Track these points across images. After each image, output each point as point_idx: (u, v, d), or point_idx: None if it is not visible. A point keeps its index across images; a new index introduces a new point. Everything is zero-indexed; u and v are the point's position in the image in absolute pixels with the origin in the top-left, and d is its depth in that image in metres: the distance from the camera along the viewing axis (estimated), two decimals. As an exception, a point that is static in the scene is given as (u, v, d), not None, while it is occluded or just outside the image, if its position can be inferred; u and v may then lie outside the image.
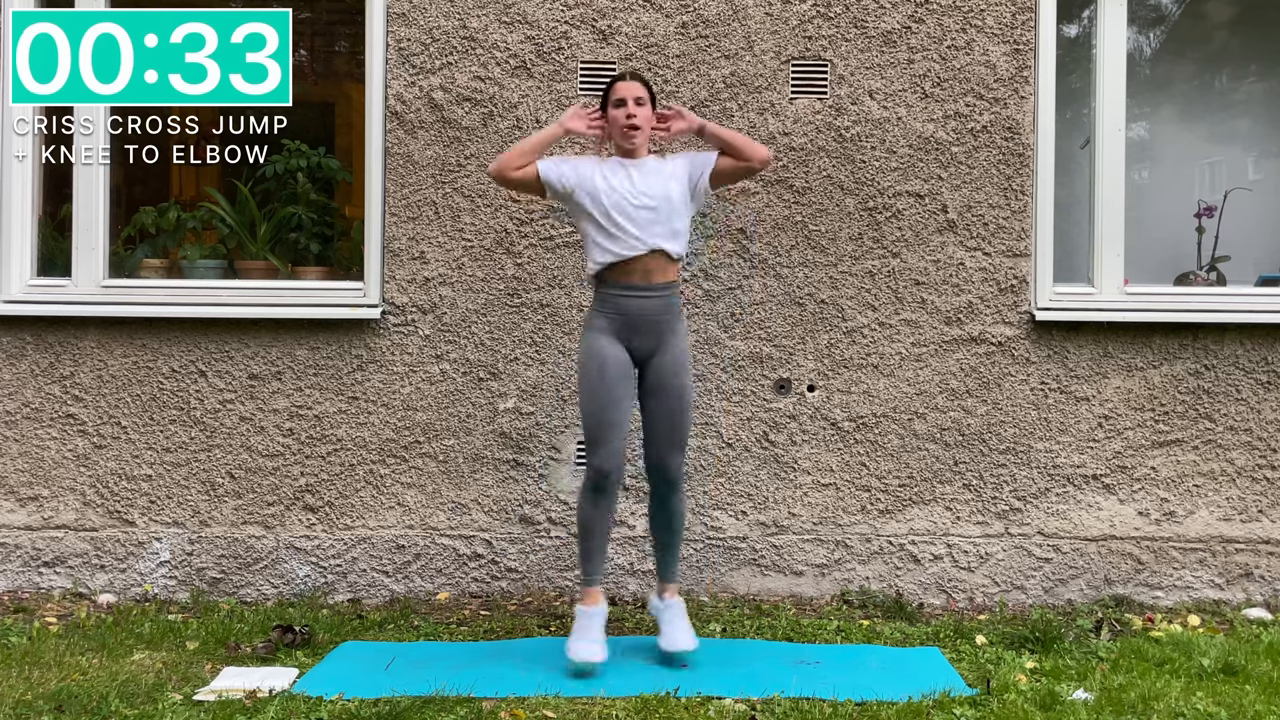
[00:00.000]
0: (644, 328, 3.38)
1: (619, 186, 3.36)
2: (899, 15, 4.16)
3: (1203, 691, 3.17)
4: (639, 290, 3.36)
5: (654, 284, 3.37)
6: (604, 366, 3.35)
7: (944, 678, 3.27)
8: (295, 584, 4.16)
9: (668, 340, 3.41)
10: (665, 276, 3.39)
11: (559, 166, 3.43)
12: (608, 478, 3.36)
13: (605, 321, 3.39)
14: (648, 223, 3.34)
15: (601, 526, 3.43)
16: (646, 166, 3.43)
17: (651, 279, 3.36)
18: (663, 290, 3.39)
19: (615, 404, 3.35)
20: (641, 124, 3.42)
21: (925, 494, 4.17)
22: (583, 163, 3.47)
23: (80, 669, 3.31)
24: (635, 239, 3.33)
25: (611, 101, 3.45)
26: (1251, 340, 4.19)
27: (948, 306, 4.16)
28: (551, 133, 3.49)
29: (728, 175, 3.51)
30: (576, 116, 3.50)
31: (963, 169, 4.16)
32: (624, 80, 3.48)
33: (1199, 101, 5.10)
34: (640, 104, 3.42)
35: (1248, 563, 4.18)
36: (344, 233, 4.65)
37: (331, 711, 2.98)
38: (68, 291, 4.21)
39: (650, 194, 3.36)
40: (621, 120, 3.41)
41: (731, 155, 3.46)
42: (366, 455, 4.16)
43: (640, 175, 3.40)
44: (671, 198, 3.38)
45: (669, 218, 3.37)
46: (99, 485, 4.18)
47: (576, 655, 3.27)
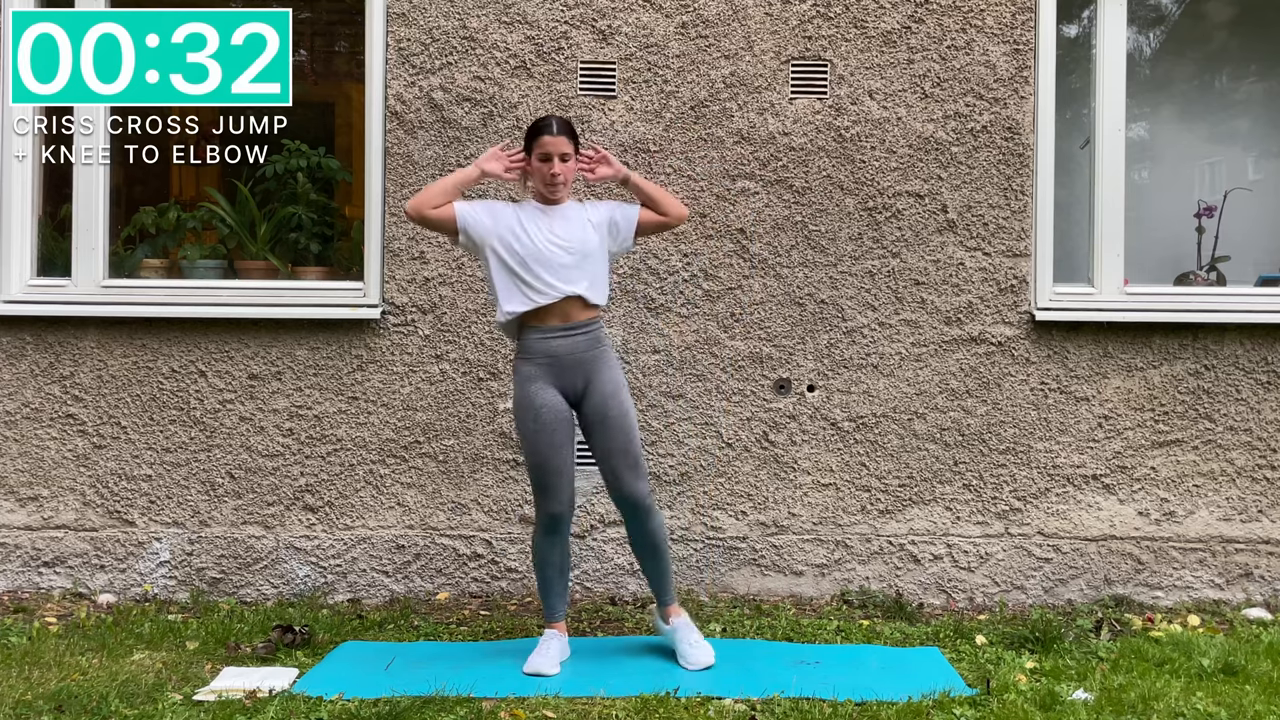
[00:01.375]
0: (572, 366, 3.34)
1: (536, 235, 3.31)
2: (899, 15, 4.16)
3: (1203, 691, 3.17)
4: (560, 331, 3.33)
5: (575, 322, 3.34)
6: (539, 414, 3.32)
7: (944, 678, 3.27)
8: (295, 584, 4.16)
9: (598, 371, 3.36)
10: (585, 314, 3.36)
11: (475, 211, 3.36)
12: (559, 520, 3.37)
13: (533, 368, 3.34)
14: (564, 269, 3.30)
15: (560, 563, 3.45)
16: (566, 213, 3.38)
17: (570, 318, 3.33)
18: (585, 327, 3.35)
19: (556, 450, 3.33)
20: (565, 179, 3.38)
21: (925, 494, 4.17)
22: (500, 210, 3.39)
23: (80, 669, 3.31)
24: (551, 287, 3.29)
25: (536, 153, 3.36)
26: (1251, 340, 4.19)
27: (948, 306, 4.16)
28: (469, 174, 3.43)
29: (648, 228, 3.49)
30: (494, 158, 3.43)
31: (963, 169, 4.16)
32: (549, 131, 3.34)
33: (1199, 101, 5.10)
34: (565, 159, 3.35)
35: (1248, 563, 4.18)
36: (344, 233, 4.65)
37: (331, 711, 2.98)
38: (68, 291, 4.21)
39: (568, 242, 3.32)
40: (545, 175, 3.35)
41: (652, 209, 3.45)
42: (366, 455, 4.16)
43: (560, 222, 3.35)
44: (589, 246, 3.35)
45: (586, 265, 3.33)
46: (99, 485, 4.18)
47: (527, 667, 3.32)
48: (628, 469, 3.35)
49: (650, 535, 3.42)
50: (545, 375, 3.34)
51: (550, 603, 3.48)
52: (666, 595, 3.50)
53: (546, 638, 3.45)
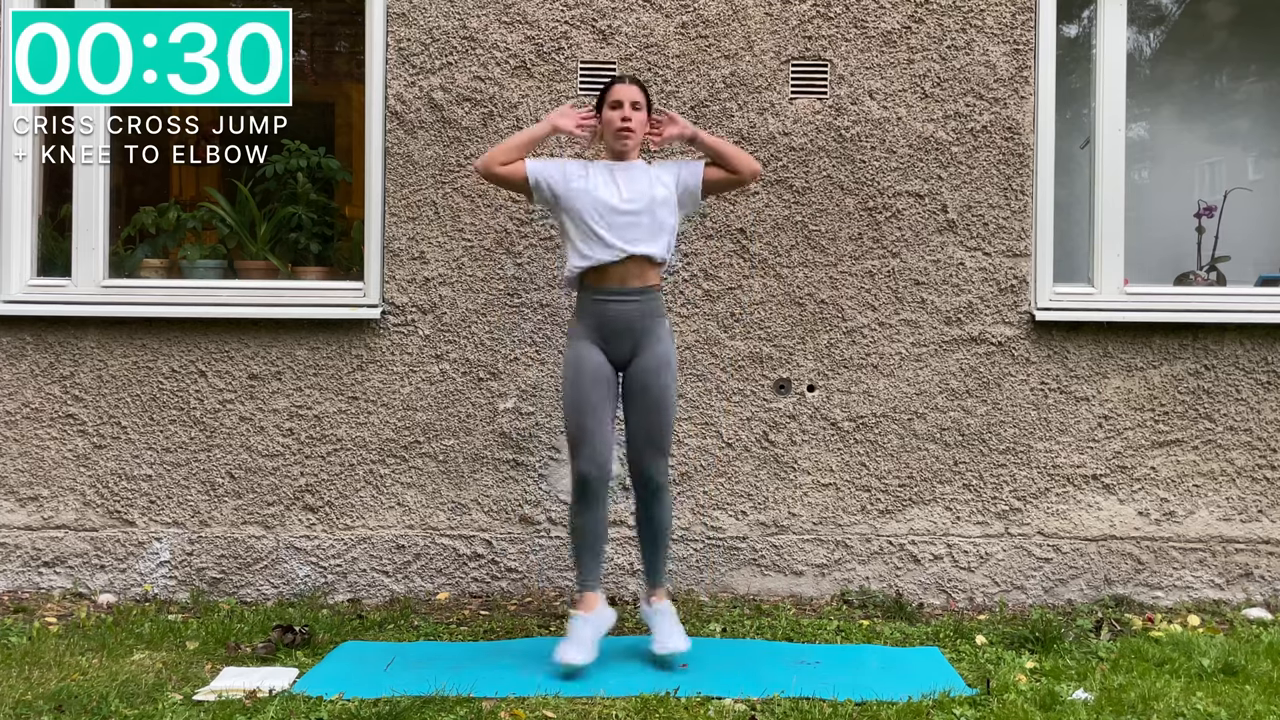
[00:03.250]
0: (620, 332, 3.37)
1: (603, 191, 3.36)
2: (899, 15, 4.16)
3: (1203, 691, 3.17)
4: (614, 295, 3.36)
5: (630, 288, 3.36)
6: (581, 372, 3.36)
7: (944, 678, 3.27)
8: (295, 584, 4.16)
9: (646, 344, 3.39)
10: (644, 281, 3.38)
11: (546, 167, 3.44)
12: (588, 481, 3.34)
13: (583, 327, 3.40)
14: (628, 228, 3.33)
15: (592, 531, 3.42)
16: (633, 171, 3.43)
17: (628, 283, 3.36)
18: (639, 295, 3.38)
19: (592, 409, 3.34)
20: (635, 128, 3.43)
21: (925, 494, 4.17)
22: (570, 165, 3.47)
23: (80, 669, 3.31)
24: (614, 245, 3.33)
25: (608, 103, 3.46)
26: (1251, 340, 4.19)
27: (948, 306, 4.16)
28: (540, 129, 3.49)
29: (717, 185, 3.50)
30: (565, 114, 3.51)
31: (963, 169, 4.16)
32: (622, 83, 3.48)
33: (1199, 101, 5.10)
34: (636, 108, 3.43)
35: (1248, 563, 4.18)
36: (344, 233, 4.65)
37: (331, 711, 2.98)
38: (68, 291, 4.21)
39: (634, 199, 3.36)
40: (616, 123, 3.42)
41: (722, 166, 3.46)
42: (366, 455, 4.16)
43: (626, 180, 3.40)
44: (655, 203, 3.38)
45: (651, 223, 3.36)
46: (99, 485, 4.18)
47: (558, 657, 3.28)
48: (654, 448, 3.39)
49: (656, 515, 3.44)
50: (593, 336, 3.38)
51: (583, 568, 3.43)
52: (657, 578, 3.52)
53: (580, 621, 3.35)
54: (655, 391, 3.38)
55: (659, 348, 3.41)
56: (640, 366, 3.39)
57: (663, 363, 3.40)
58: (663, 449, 3.43)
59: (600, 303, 3.37)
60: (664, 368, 3.41)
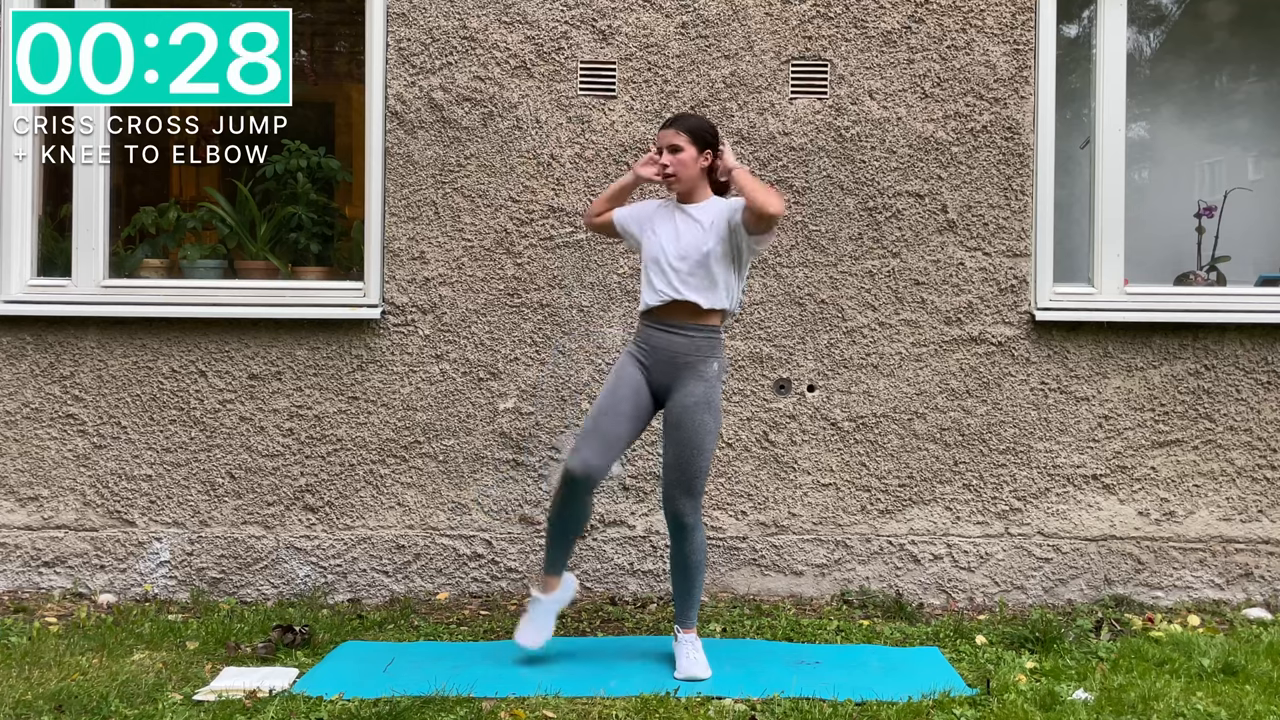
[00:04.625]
0: (664, 361, 3.37)
1: (662, 238, 3.37)
2: (899, 15, 4.16)
3: (1203, 691, 3.18)
4: (666, 327, 3.37)
5: (680, 322, 3.35)
6: (619, 380, 3.40)
7: (944, 678, 3.27)
8: (295, 584, 4.16)
9: (687, 380, 3.34)
10: (695, 319, 3.35)
11: (627, 216, 3.53)
12: (574, 479, 3.32)
13: (635, 347, 3.45)
14: (678, 276, 3.32)
15: (567, 525, 3.43)
16: (697, 214, 3.36)
17: (680, 319, 3.35)
18: (689, 330, 3.35)
19: (611, 414, 3.36)
20: (675, 171, 3.35)
21: (925, 494, 4.17)
22: (647, 210, 3.51)
23: (80, 669, 3.31)
24: (664, 290, 3.34)
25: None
26: (1251, 340, 4.19)
27: (948, 306, 4.16)
28: (625, 182, 3.56)
29: (751, 226, 3.26)
30: (646, 164, 3.45)
31: (963, 169, 4.16)
32: (665, 126, 3.42)
33: (1199, 101, 5.10)
34: (675, 150, 3.34)
35: (1248, 563, 4.18)
36: (344, 233, 4.65)
37: (331, 711, 2.98)
38: (68, 291, 4.21)
39: (685, 254, 3.32)
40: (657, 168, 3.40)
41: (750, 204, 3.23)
42: (366, 455, 4.16)
43: (685, 226, 3.36)
44: (705, 252, 3.30)
45: (702, 275, 3.31)
46: (99, 485, 4.18)
47: (516, 638, 3.42)
48: (680, 487, 3.34)
49: (683, 554, 3.39)
50: (642, 356, 3.41)
51: (550, 556, 3.49)
52: (686, 618, 3.42)
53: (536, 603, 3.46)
54: (689, 429, 3.32)
55: (701, 387, 3.33)
56: (679, 402, 3.35)
57: (699, 402, 3.33)
58: (692, 490, 3.33)
59: (650, 330, 3.40)
60: (703, 407, 3.33)
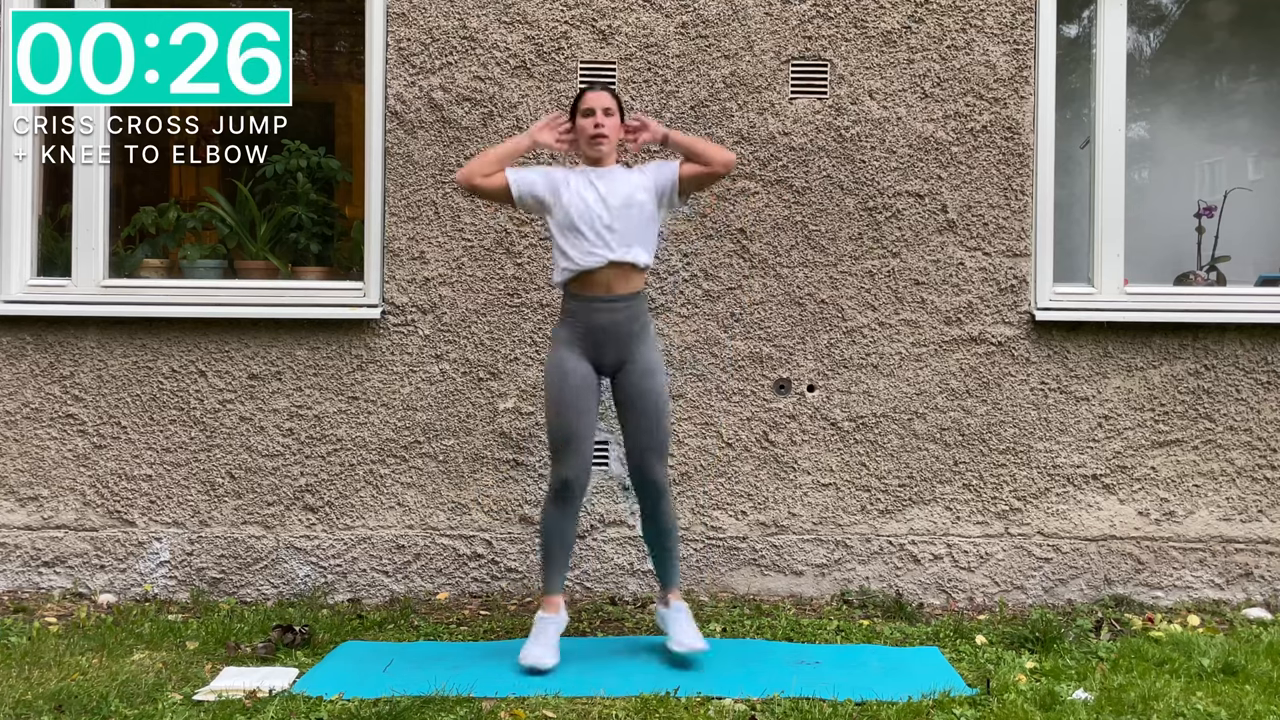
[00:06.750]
0: (610, 340, 3.37)
1: (585, 197, 3.36)
2: (899, 15, 4.16)
3: (1203, 691, 3.17)
4: (602, 301, 3.35)
5: (617, 295, 3.36)
6: (566, 378, 3.36)
7: (944, 678, 3.27)
8: (295, 584, 4.16)
9: (635, 349, 3.39)
10: (629, 287, 3.37)
11: (528, 176, 3.44)
12: (570, 487, 3.36)
13: (569, 333, 3.39)
14: (611, 234, 3.33)
15: (564, 536, 3.43)
16: (613, 176, 3.43)
17: (614, 290, 3.35)
18: (627, 301, 3.37)
19: (579, 415, 3.35)
20: (609, 133, 3.42)
21: (925, 494, 4.17)
22: (553, 172, 3.47)
23: (80, 669, 3.31)
24: (597, 251, 3.32)
25: (580, 111, 3.46)
26: (1251, 340, 4.19)
27: (948, 306, 4.16)
28: (521, 142, 3.50)
29: (693, 182, 3.48)
30: (547, 127, 3.51)
31: (963, 169, 4.16)
32: (593, 90, 3.49)
33: (1199, 101, 5.10)
34: (609, 114, 3.43)
35: (1248, 563, 4.18)
36: (344, 233, 4.65)
37: (331, 711, 2.98)
38: (68, 291, 4.21)
39: (615, 205, 3.35)
40: (590, 130, 3.42)
41: (695, 161, 3.45)
42: (366, 455, 4.16)
43: (606, 186, 3.39)
44: (636, 208, 3.37)
45: (634, 229, 3.36)
46: (99, 485, 4.18)
47: (524, 659, 3.29)
48: (653, 453, 3.40)
49: (662, 517, 3.44)
50: (581, 342, 3.37)
51: (549, 574, 3.46)
52: (670, 579, 3.52)
53: (541, 624, 3.41)
54: (651, 397, 3.39)
55: (647, 353, 3.41)
56: (631, 371, 3.39)
57: (652, 367, 3.41)
58: (663, 453, 3.44)
59: (588, 309, 3.36)
60: (656, 372, 3.42)
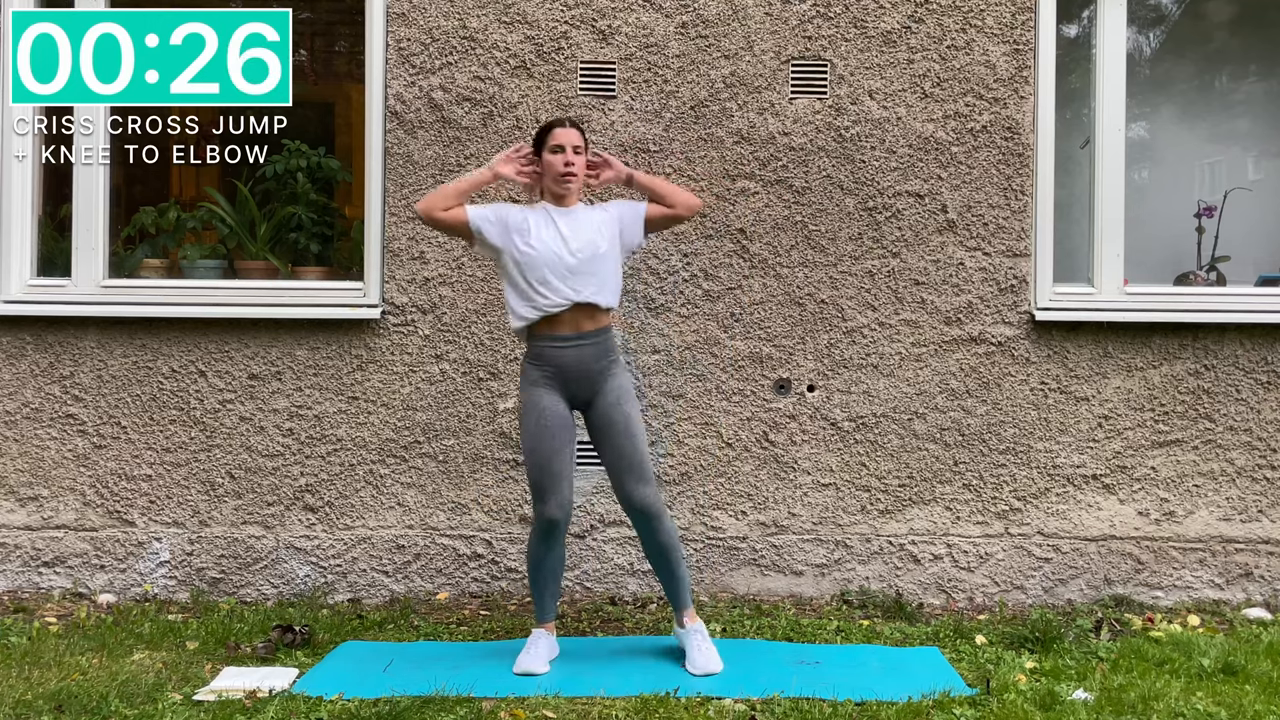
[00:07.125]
0: (580, 377, 3.33)
1: (547, 240, 3.29)
2: (899, 15, 4.16)
3: (1203, 691, 3.17)
4: (570, 341, 3.31)
5: (584, 332, 3.32)
6: (542, 417, 3.30)
7: (944, 678, 3.27)
8: (295, 584, 4.16)
9: (604, 382, 3.35)
10: (595, 324, 3.34)
11: (487, 215, 3.35)
12: (556, 525, 3.32)
13: (539, 373, 3.34)
14: (573, 275, 3.28)
15: (554, 569, 3.42)
16: (576, 216, 3.36)
17: (580, 328, 3.31)
18: (594, 337, 3.33)
19: (556, 453, 3.30)
20: (578, 172, 3.37)
21: (925, 494, 4.17)
22: (510, 212, 3.37)
23: (80, 669, 3.31)
24: (559, 295, 3.27)
25: (548, 146, 3.37)
26: (1251, 340, 4.19)
27: (948, 306, 4.16)
28: (481, 176, 3.42)
29: (658, 223, 3.47)
30: (508, 161, 3.42)
31: (963, 169, 4.16)
32: (562, 126, 3.39)
33: (1199, 101, 5.10)
34: (578, 152, 3.36)
35: (1248, 563, 4.18)
36: (344, 233, 4.65)
37: (331, 711, 2.98)
38: (68, 291, 4.21)
39: (578, 245, 3.30)
40: (559, 167, 3.34)
41: (660, 203, 3.43)
42: (366, 455, 4.16)
43: (569, 227, 3.33)
44: (598, 248, 3.32)
45: (596, 270, 3.30)
46: (99, 485, 4.18)
47: (516, 669, 3.31)
48: (634, 477, 3.31)
49: (661, 541, 3.35)
50: (552, 381, 3.33)
51: (542, 604, 3.47)
52: (682, 600, 3.43)
53: (535, 638, 3.44)
54: (622, 423, 3.33)
55: (616, 381, 3.36)
56: (602, 403, 3.34)
57: (622, 393, 3.35)
58: (645, 476, 3.32)
59: (556, 350, 3.31)
60: (624, 398, 3.35)
